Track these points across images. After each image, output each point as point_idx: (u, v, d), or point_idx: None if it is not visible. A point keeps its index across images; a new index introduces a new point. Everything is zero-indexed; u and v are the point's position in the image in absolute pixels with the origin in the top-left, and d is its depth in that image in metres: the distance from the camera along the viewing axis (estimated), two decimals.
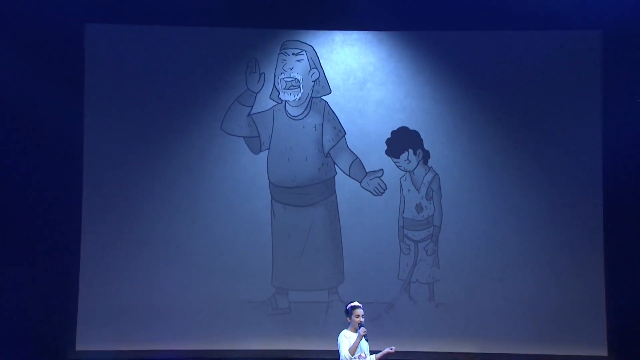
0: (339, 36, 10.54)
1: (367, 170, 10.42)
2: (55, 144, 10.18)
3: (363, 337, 7.85)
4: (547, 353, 10.02)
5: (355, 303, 8.08)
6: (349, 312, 8.04)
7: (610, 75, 10.21)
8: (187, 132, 10.37)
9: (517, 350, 10.05)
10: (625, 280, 9.98)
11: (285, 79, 10.50)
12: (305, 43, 10.53)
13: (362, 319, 7.96)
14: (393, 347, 8.07)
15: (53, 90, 10.13)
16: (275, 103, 10.50)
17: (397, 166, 10.42)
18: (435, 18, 10.36)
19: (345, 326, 8.08)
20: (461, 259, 10.26)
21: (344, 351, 7.87)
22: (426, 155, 10.40)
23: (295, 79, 10.49)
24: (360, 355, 7.88)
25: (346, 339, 7.91)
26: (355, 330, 7.93)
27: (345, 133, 10.46)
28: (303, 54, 10.53)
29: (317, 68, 10.51)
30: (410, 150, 10.41)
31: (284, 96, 10.50)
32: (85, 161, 10.26)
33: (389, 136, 10.42)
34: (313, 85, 10.51)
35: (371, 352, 8.06)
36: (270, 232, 10.36)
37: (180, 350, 10.03)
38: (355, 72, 10.52)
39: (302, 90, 10.49)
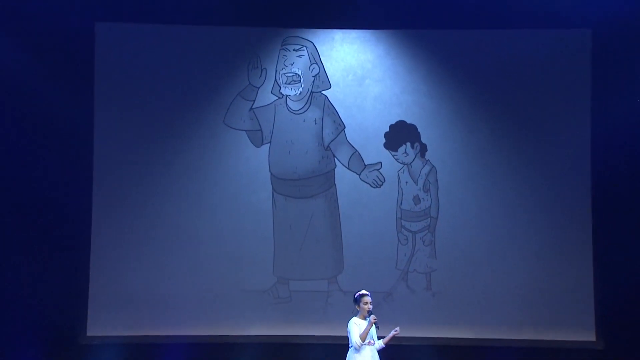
0: (338, 35, 10.73)
1: (366, 163, 10.60)
2: (66, 140, 10.41)
3: (373, 324, 8.07)
4: (537, 338, 10.24)
5: (363, 291, 8.26)
6: (357, 300, 8.22)
7: (599, 72, 10.41)
8: (192, 127, 10.56)
9: (509, 336, 10.27)
10: (613, 268, 10.20)
11: (286, 74, 10.66)
12: (305, 39, 10.71)
13: (371, 306, 8.15)
14: (397, 329, 8.28)
15: (64, 87, 10.34)
16: (277, 97, 10.67)
17: (395, 159, 10.62)
18: (430, 17, 10.57)
19: (354, 314, 8.26)
20: (457, 249, 10.45)
21: (355, 337, 8.07)
22: (423, 149, 10.59)
23: (296, 74, 10.66)
24: (369, 342, 8.09)
25: (356, 326, 8.11)
26: (364, 318, 8.14)
27: (344, 127, 10.63)
28: (304, 50, 10.70)
29: (317, 63, 10.69)
30: (408, 144, 10.60)
31: (285, 91, 10.67)
32: (95, 156, 10.47)
33: (387, 130, 10.62)
34: (313, 80, 10.68)
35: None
36: (272, 224, 10.52)
37: (186, 335, 10.24)
38: (354, 69, 10.71)
39: (302, 85, 10.66)
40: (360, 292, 8.30)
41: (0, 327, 10.06)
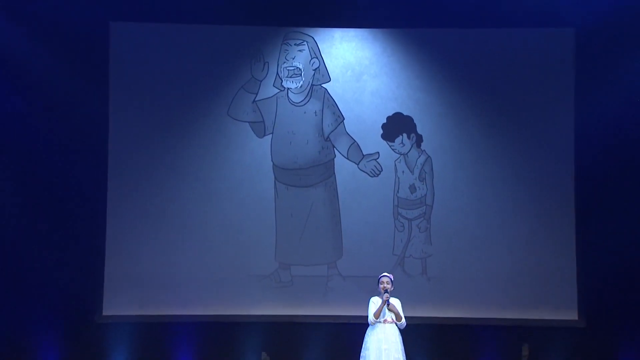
0: (338, 33, 11.07)
1: (364, 153, 10.93)
2: (84, 131, 10.78)
3: (387, 303, 8.56)
4: (523, 317, 10.61)
5: (385, 273, 8.81)
6: (378, 281, 8.75)
7: (582, 70, 10.78)
8: (199, 120, 10.89)
9: (498, 315, 10.64)
10: (594, 252, 10.61)
11: (288, 68, 10.96)
12: (306, 34, 11.03)
13: (388, 286, 8.62)
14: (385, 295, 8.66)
15: (80, 84, 10.68)
16: (278, 90, 10.97)
17: (392, 149, 10.93)
18: (423, 18, 10.95)
19: (376, 294, 8.77)
20: (451, 235, 10.79)
21: (370, 315, 8.60)
22: (419, 139, 10.92)
23: (297, 67, 10.95)
24: (385, 320, 8.60)
25: (373, 304, 8.65)
26: None
27: (343, 118, 10.93)
28: (304, 44, 11.00)
29: (317, 57, 11.00)
30: (405, 135, 10.92)
31: (287, 84, 10.97)
32: (110, 147, 10.78)
33: (385, 121, 10.96)
34: (314, 74, 10.98)
35: None
36: (274, 211, 10.83)
37: (194, 315, 10.59)
38: (353, 65, 11.05)
39: (303, 79, 10.97)
40: (382, 274, 8.81)
41: (22, 307, 10.41)
